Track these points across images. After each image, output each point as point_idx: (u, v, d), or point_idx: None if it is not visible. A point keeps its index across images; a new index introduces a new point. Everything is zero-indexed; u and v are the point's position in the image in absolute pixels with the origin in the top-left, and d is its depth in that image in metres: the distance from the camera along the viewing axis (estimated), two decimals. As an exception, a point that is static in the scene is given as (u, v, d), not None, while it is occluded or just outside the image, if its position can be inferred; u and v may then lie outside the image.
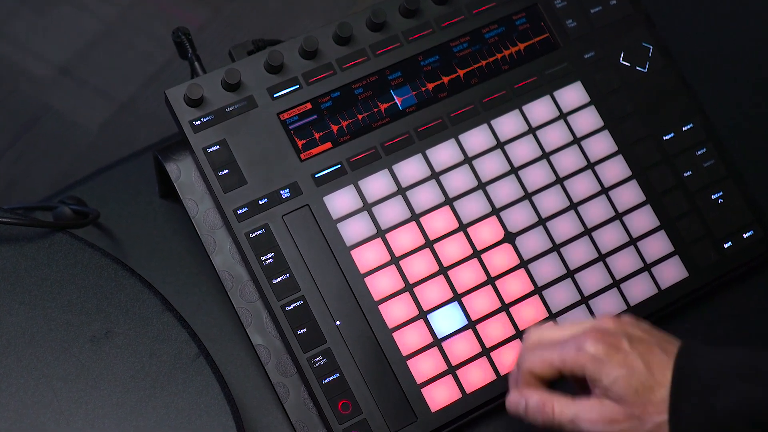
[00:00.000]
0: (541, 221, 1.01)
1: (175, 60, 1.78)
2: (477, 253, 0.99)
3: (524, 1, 1.04)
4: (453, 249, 0.99)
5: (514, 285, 0.99)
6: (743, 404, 0.80)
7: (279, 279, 0.96)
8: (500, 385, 0.97)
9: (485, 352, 0.97)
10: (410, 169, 1.00)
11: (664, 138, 1.04)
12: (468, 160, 1.01)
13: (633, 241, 1.01)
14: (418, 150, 1.00)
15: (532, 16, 1.05)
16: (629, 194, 1.02)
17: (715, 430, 0.81)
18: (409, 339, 0.96)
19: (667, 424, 0.82)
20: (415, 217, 0.99)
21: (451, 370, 0.96)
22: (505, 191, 1.01)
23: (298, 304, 0.96)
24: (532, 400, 0.85)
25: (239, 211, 0.97)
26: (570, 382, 0.87)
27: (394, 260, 0.98)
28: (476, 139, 1.01)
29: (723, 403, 0.80)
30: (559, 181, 1.02)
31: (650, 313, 1.00)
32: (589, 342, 0.83)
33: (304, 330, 0.95)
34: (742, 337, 1.03)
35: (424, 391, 0.96)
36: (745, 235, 1.03)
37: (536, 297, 0.99)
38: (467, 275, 0.98)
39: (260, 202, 0.97)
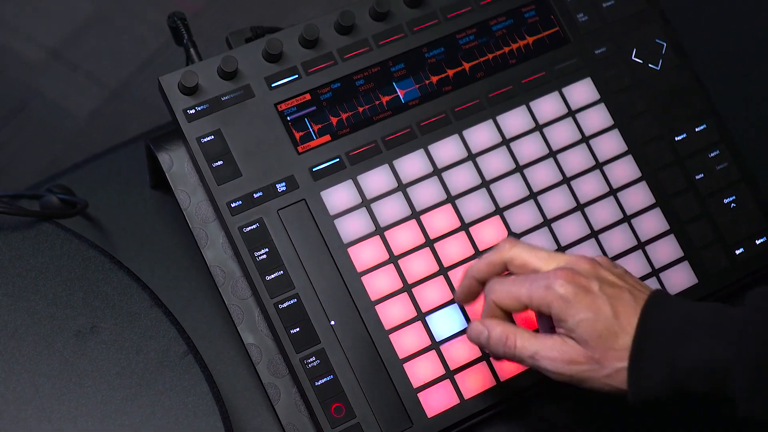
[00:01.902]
0: (546, 222, 1.01)
1: (169, 46, 1.78)
2: (479, 254, 0.99)
3: (534, -7, 1.05)
4: (454, 249, 0.99)
5: (517, 288, 0.99)
6: (703, 360, 0.82)
7: (272, 276, 0.96)
8: (500, 391, 0.97)
9: (485, 357, 0.97)
10: (411, 164, 1.00)
11: (676, 139, 1.04)
12: (472, 157, 1.01)
13: (641, 245, 1.01)
14: (420, 145, 1.00)
15: (541, 9, 1.05)
16: (638, 196, 1.02)
17: (672, 382, 0.83)
18: (406, 341, 0.96)
19: (625, 370, 0.85)
20: (415, 214, 0.99)
21: (449, 374, 0.96)
22: (509, 190, 1.01)
23: (292, 302, 0.96)
24: (495, 332, 0.89)
25: (233, 205, 0.97)
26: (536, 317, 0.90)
27: (393, 259, 0.98)
28: (481, 135, 1.01)
29: (683, 357, 0.83)
30: (566, 180, 1.02)
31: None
32: (559, 282, 0.86)
33: (298, 329, 0.95)
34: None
35: (421, 395, 0.96)
36: (758, 242, 1.03)
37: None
38: (468, 276, 0.98)
39: (255, 196, 0.97)
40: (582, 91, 1.04)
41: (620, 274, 0.89)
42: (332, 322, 0.96)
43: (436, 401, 0.96)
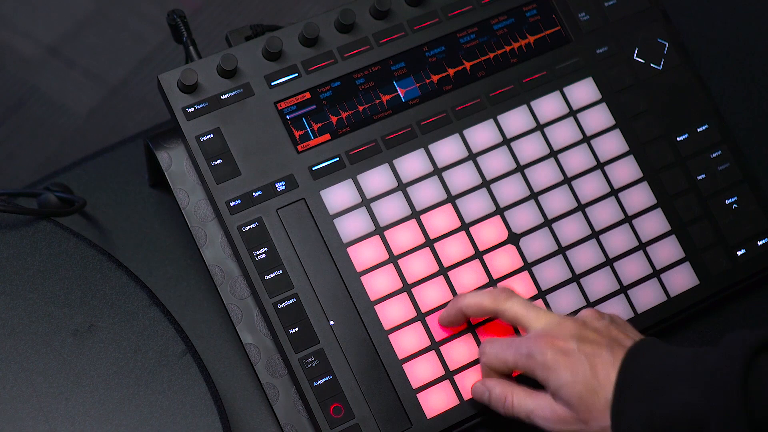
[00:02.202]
0: (547, 222, 1.01)
1: (169, 43, 1.78)
2: (479, 254, 0.99)
3: (535, -8, 1.05)
4: (454, 249, 0.99)
5: (517, 288, 0.99)
6: (681, 408, 0.83)
7: (271, 275, 0.96)
8: (499, 392, 0.97)
9: (485, 357, 0.97)
10: (412, 164, 1.00)
11: (678, 139, 1.04)
12: (472, 156, 1.01)
13: (642, 246, 1.01)
14: (420, 144, 1.00)
15: (543, 8, 1.05)
16: (640, 197, 1.02)
17: (651, 431, 0.84)
18: (405, 341, 0.96)
19: (609, 429, 0.86)
20: (415, 214, 0.99)
21: (449, 375, 0.96)
22: (510, 190, 1.01)
23: (291, 302, 0.96)
24: (495, 392, 0.92)
25: (232, 204, 0.97)
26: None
27: (393, 259, 0.98)
28: (481, 134, 1.01)
29: (662, 408, 0.83)
30: (567, 180, 1.02)
31: (658, 321, 1.00)
32: (539, 350, 0.89)
33: (297, 329, 0.95)
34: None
35: (420, 396, 0.96)
36: (760, 243, 1.03)
37: (539, 301, 0.99)
38: (468, 277, 0.98)
39: (254, 195, 0.97)
40: (583, 91, 1.04)
41: (604, 327, 0.90)
42: (331, 322, 0.96)
43: (436, 402, 0.96)
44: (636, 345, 0.88)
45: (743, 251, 1.03)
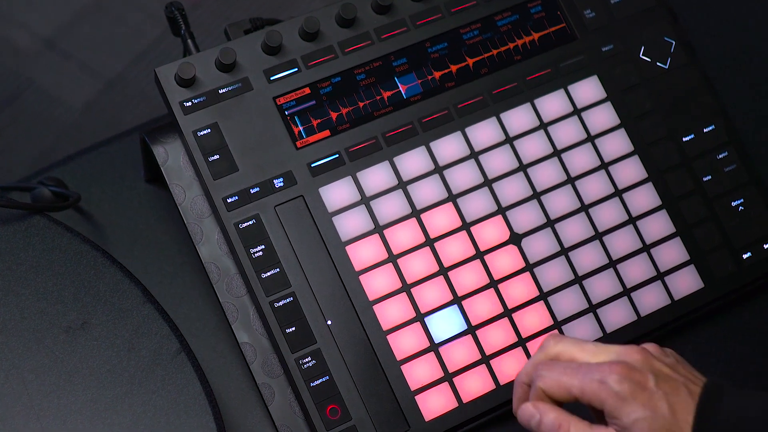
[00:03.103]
0: (550, 223, 1.01)
1: (166, 36, 1.78)
2: (480, 254, 0.99)
3: (540, -12, 1.05)
4: (454, 248, 0.99)
5: (518, 289, 0.99)
6: None
7: (268, 273, 0.96)
8: (499, 395, 0.96)
9: (485, 359, 0.97)
10: (412, 161, 1.00)
11: (684, 139, 1.04)
12: (474, 154, 1.01)
13: (646, 248, 1.01)
14: (421, 142, 1.00)
15: (548, 5, 1.05)
16: (644, 198, 1.02)
17: None
18: (404, 342, 0.96)
19: None
20: (415, 213, 0.99)
21: (448, 377, 0.96)
22: (512, 189, 1.01)
23: (288, 300, 0.96)
24: (548, 418, 0.85)
25: (229, 200, 0.97)
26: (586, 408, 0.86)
27: (392, 258, 0.98)
28: (484, 132, 1.01)
29: None
30: (570, 180, 1.02)
31: (661, 324, 1.00)
32: (614, 377, 0.83)
33: (293, 329, 0.95)
34: (758, 355, 1.03)
35: (418, 398, 0.96)
36: (766, 246, 1.03)
37: (541, 303, 0.99)
38: (469, 277, 0.98)
39: (251, 191, 0.97)
40: (588, 90, 1.04)
41: (673, 364, 0.85)
42: (329, 322, 0.96)
43: (434, 404, 0.96)
44: (710, 386, 0.84)
45: (749, 254, 1.03)
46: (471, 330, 0.97)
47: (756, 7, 1.18)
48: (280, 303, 0.96)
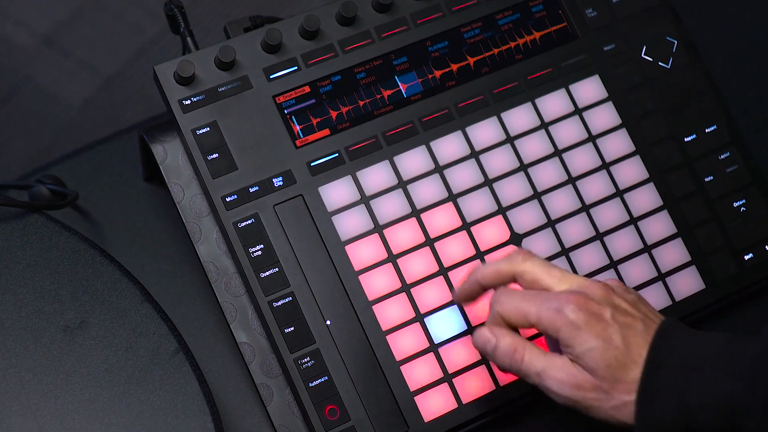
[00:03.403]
0: (550, 223, 1.00)
1: (166, 34, 1.78)
2: (480, 254, 0.99)
3: (542, -13, 1.05)
4: (455, 249, 0.99)
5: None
6: (715, 395, 0.81)
7: (267, 273, 0.96)
8: (499, 396, 0.96)
9: (485, 360, 0.97)
10: (413, 161, 1.00)
11: (686, 140, 1.04)
12: (475, 154, 1.01)
13: (647, 249, 1.01)
14: (421, 141, 1.00)
15: (549, 4, 1.04)
16: (645, 198, 1.02)
17: (683, 418, 0.82)
18: (403, 343, 0.96)
19: (633, 404, 0.84)
20: (415, 212, 0.99)
21: (447, 378, 0.96)
22: (513, 189, 1.01)
23: (287, 300, 0.96)
24: (503, 342, 0.88)
25: (228, 199, 0.97)
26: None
27: (391, 258, 0.98)
28: (484, 132, 1.01)
29: (694, 392, 0.82)
30: (571, 180, 1.02)
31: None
32: (571, 306, 0.85)
33: (292, 329, 0.95)
34: (759, 356, 1.03)
35: (418, 399, 0.96)
36: (768, 247, 1.03)
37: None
38: (469, 277, 0.98)
39: (251, 190, 0.97)
40: (589, 89, 1.04)
41: (633, 301, 0.88)
42: (328, 322, 0.96)
43: (434, 405, 0.96)
44: (667, 324, 0.86)
45: (750, 255, 1.03)
46: (471, 330, 0.97)
47: (759, 7, 1.18)
48: (279, 303, 0.96)
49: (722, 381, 0.81)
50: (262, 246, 0.96)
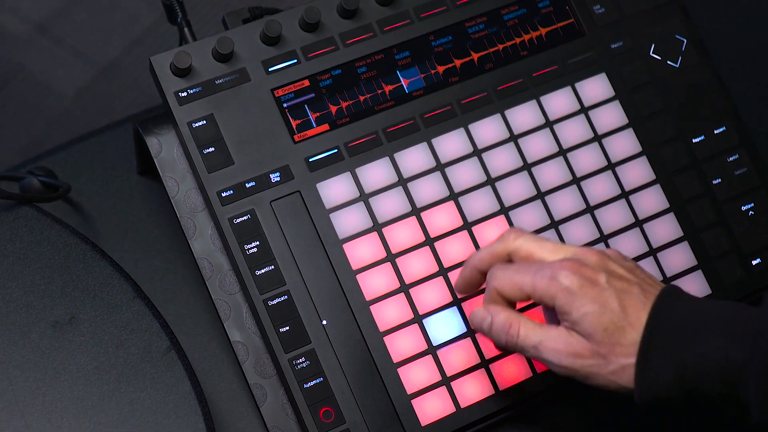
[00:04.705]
0: (554, 224, 1.01)
1: (162, 23, 1.78)
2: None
3: (549, -18, 1.05)
4: (455, 249, 0.99)
5: (520, 292, 0.99)
6: (715, 360, 0.82)
7: (263, 271, 0.96)
8: (498, 400, 0.96)
9: (484, 363, 0.97)
10: (413, 158, 1.00)
11: (694, 141, 1.04)
12: (477, 152, 1.01)
13: (653, 252, 1.01)
14: (423, 138, 1.00)
15: (556, -1, 1.05)
16: (652, 200, 1.02)
17: (682, 382, 0.83)
18: (401, 344, 0.96)
19: (632, 367, 0.85)
20: (415, 211, 0.99)
21: (446, 381, 0.96)
22: (516, 189, 1.01)
23: (282, 299, 0.96)
24: (498, 319, 0.89)
25: (223, 194, 0.97)
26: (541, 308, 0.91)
27: (390, 257, 0.98)
28: (487, 129, 1.01)
29: (694, 356, 0.83)
30: (576, 181, 1.02)
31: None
32: (564, 273, 0.87)
33: (287, 328, 0.95)
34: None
35: (415, 402, 0.96)
36: (776, 252, 1.04)
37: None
38: (469, 278, 0.98)
39: (247, 186, 0.97)
40: (596, 87, 1.04)
41: (630, 268, 0.89)
42: (324, 322, 0.96)
43: (431, 409, 0.96)
44: (667, 290, 0.87)
45: (758, 260, 1.03)
46: (470, 333, 0.97)
47: (770, 6, 1.18)
48: (274, 301, 0.96)
49: (723, 346, 0.82)
50: (257, 243, 0.96)
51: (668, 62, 1.05)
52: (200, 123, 0.97)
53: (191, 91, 0.98)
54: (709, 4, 1.17)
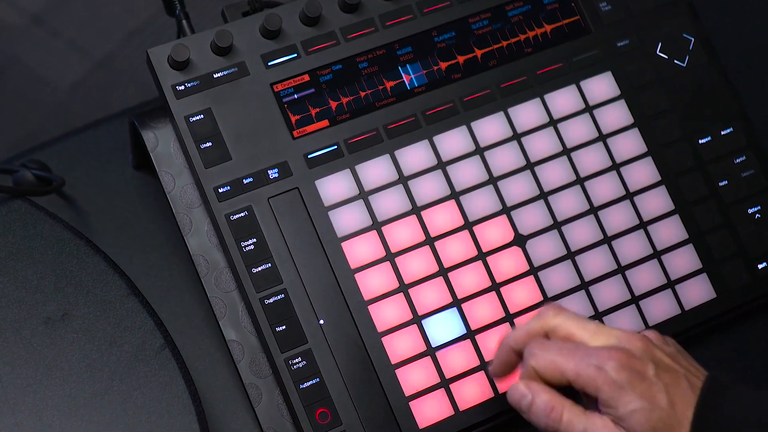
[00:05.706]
0: (556, 225, 1.00)
1: (160, 16, 1.78)
2: (482, 255, 0.99)
3: (555, -22, 1.04)
4: (456, 248, 0.99)
5: (521, 293, 0.98)
6: None
7: (259, 268, 0.96)
8: (498, 404, 0.96)
9: (484, 366, 0.97)
10: (414, 156, 1.00)
11: (700, 142, 1.04)
12: (479, 150, 1.01)
13: (657, 254, 1.01)
14: (424, 135, 1.00)
15: (562, -4, 1.05)
16: (657, 201, 1.02)
17: None
18: (399, 345, 0.96)
19: None
20: (416, 210, 0.99)
21: (444, 383, 0.96)
22: (518, 188, 1.00)
23: (279, 297, 0.96)
24: (540, 399, 0.85)
25: (220, 190, 0.97)
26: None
27: (389, 256, 0.97)
28: (490, 127, 1.01)
29: None
30: (580, 181, 1.01)
31: (671, 335, 1.00)
32: (612, 364, 0.83)
33: (284, 327, 0.95)
34: (770, 370, 1.04)
35: (413, 404, 0.96)
36: (782, 257, 1.03)
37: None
38: (469, 279, 0.98)
39: (244, 182, 0.97)
40: (601, 86, 1.03)
41: (674, 354, 0.86)
42: (321, 321, 0.96)
43: (429, 411, 0.96)
44: (711, 381, 0.84)
45: (764, 264, 1.03)
46: (470, 335, 0.97)
47: (780, 5, 1.18)
48: (271, 300, 0.96)
49: None
50: (254, 240, 0.96)
51: (675, 61, 1.05)
52: (198, 117, 0.97)
53: (189, 85, 0.98)
54: (717, 2, 1.17)
